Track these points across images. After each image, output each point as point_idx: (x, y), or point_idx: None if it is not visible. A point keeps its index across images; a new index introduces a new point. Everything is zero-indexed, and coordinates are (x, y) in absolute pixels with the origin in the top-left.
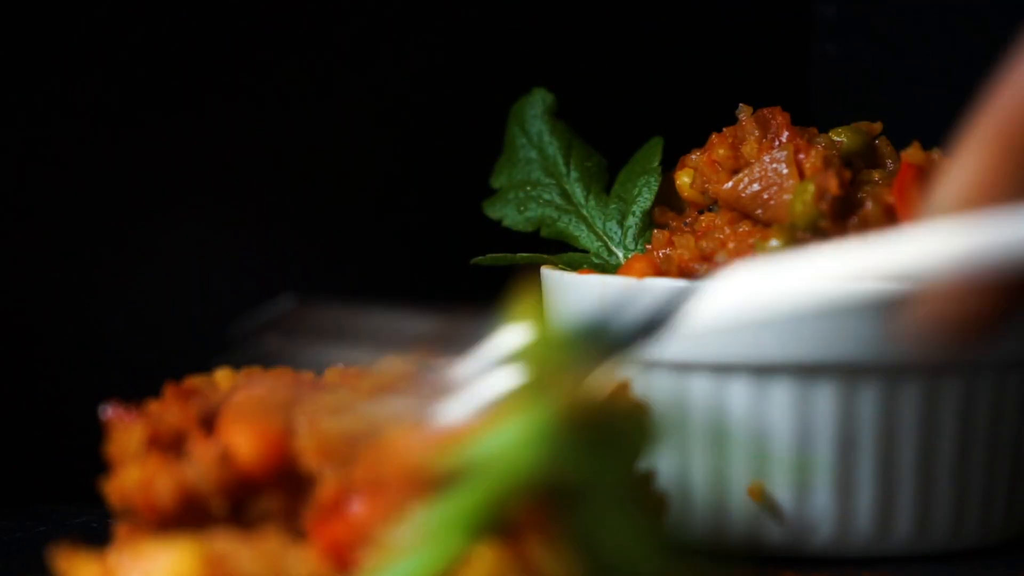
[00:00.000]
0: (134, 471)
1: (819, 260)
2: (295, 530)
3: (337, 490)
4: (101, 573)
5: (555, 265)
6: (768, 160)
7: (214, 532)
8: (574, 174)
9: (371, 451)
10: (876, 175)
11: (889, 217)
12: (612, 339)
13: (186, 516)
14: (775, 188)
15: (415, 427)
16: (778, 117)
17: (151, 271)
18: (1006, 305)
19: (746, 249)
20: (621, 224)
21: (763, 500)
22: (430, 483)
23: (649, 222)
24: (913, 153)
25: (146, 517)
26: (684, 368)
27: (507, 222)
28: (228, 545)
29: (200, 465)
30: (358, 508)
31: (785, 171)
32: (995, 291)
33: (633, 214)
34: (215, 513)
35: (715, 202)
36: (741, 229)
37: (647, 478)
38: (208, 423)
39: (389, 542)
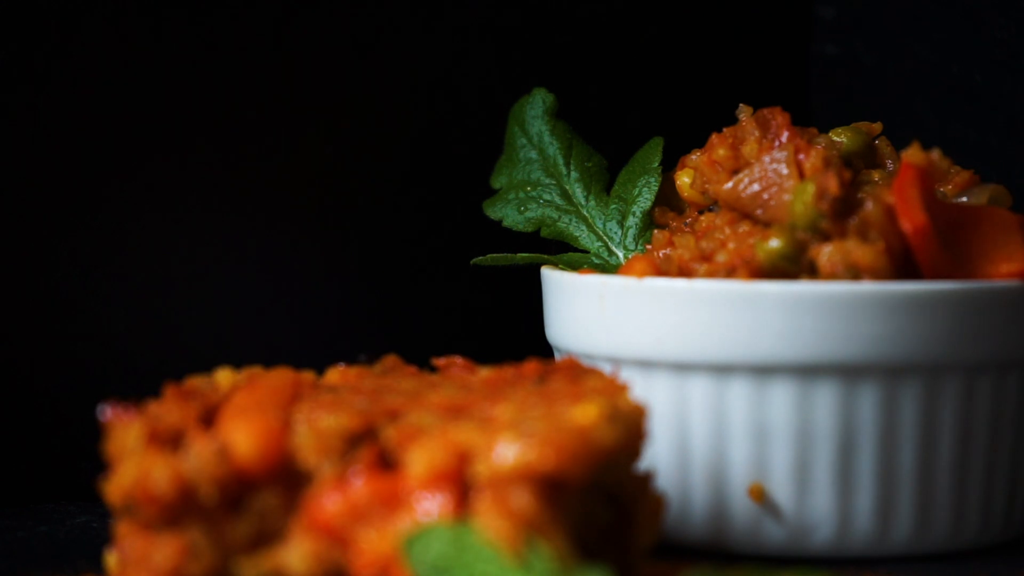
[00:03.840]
0: (132, 466)
1: None
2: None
3: (338, 472)
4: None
5: (555, 265)
6: (768, 160)
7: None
8: (574, 174)
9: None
10: (876, 175)
11: (889, 217)
12: None
13: (184, 510)
14: (775, 188)
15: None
16: (778, 117)
17: (152, 271)
18: None
19: (746, 249)
20: (621, 224)
21: (763, 500)
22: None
23: (649, 222)
24: (913, 153)
25: (145, 512)
26: (684, 368)
27: (507, 222)
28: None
29: (198, 459)
30: (358, 485)
31: (785, 171)
32: None
33: (633, 214)
34: (213, 507)
35: (715, 202)
36: (741, 229)
37: (647, 478)
38: (207, 422)
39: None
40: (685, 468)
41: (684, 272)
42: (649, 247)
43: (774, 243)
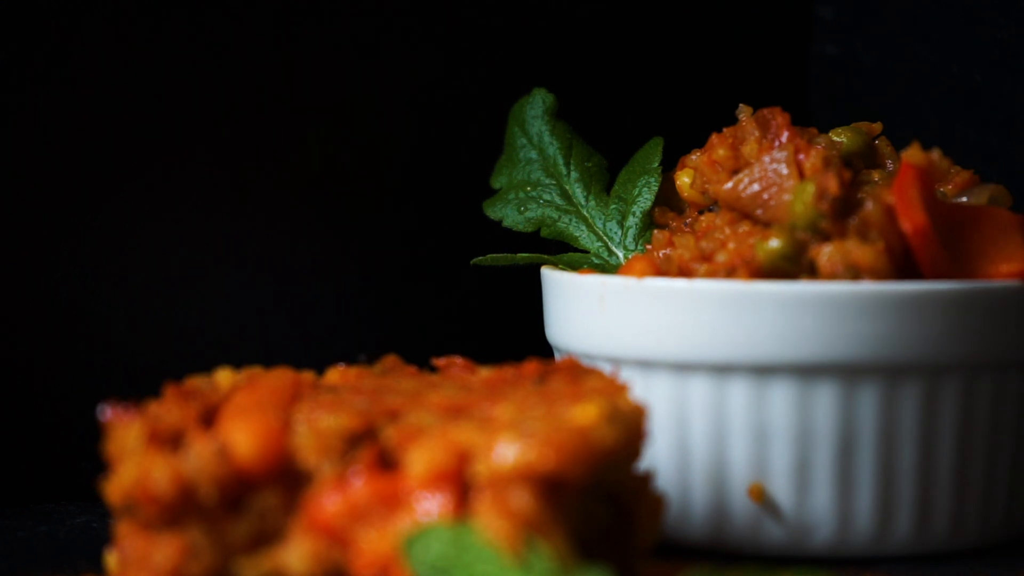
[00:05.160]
0: (132, 466)
1: None
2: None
3: (338, 472)
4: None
5: (555, 265)
6: (768, 160)
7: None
8: (574, 174)
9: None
10: (876, 175)
11: (889, 217)
12: None
13: (184, 510)
14: (775, 188)
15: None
16: (778, 117)
17: (152, 271)
18: None
19: (746, 249)
20: (621, 224)
21: (763, 500)
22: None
23: (649, 222)
24: (913, 153)
25: (146, 511)
26: (684, 368)
27: (507, 222)
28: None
29: (198, 459)
30: (358, 485)
31: (785, 171)
32: None
33: (633, 214)
34: (213, 507)
35: (715, 202)
36: (741, 229)
37: (647, 478)
38: (208, 422)
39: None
40: (685, 468)
41: (684, 272)
42: (649, 247)
43: (774, 243)
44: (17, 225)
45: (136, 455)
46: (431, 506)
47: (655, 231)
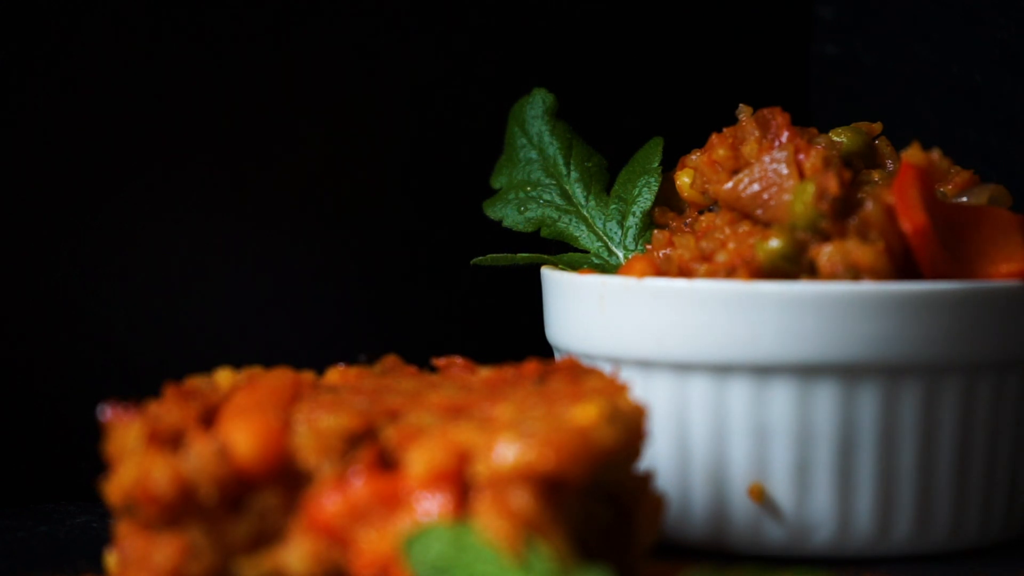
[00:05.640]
0: (132, 466)
1: None
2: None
3: (338, 472)
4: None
5: (555, 265)
6: (768, 160)
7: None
8: (574, 174)
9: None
10: (876, 175)
11: (889, 217)
12: None
13: (184, 510)
14: (775, 188)
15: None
16: (778, 117)
17: (152, 271)
18: None
19: (746, 249)
20: (621, 224)
21: (763, 500)
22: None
23: (649, 222)
24: (913, 153)
25: (146, 511)
26: (684, 368)
27: (507, 222)
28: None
29: (198, 459)
30: (358, 485)
31: (785, 171)
32: None
33: (633, 214)
34: (213, 507)
35: (715, 202)
36: (741, 229)
37: (647, 478)
38: (208, 422)
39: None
40: (685, 468)
41: (684, 272)
42: (649, 247)
43: (774, 243)
44: (17, 225)
45: (136, 455)
46: (431, 506)
47: (655, 231)
